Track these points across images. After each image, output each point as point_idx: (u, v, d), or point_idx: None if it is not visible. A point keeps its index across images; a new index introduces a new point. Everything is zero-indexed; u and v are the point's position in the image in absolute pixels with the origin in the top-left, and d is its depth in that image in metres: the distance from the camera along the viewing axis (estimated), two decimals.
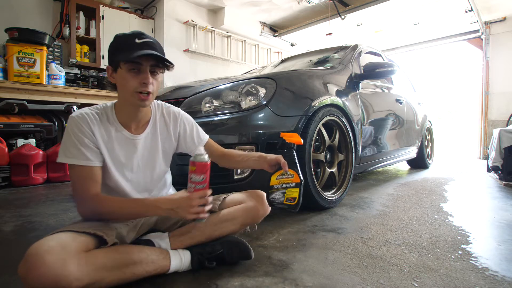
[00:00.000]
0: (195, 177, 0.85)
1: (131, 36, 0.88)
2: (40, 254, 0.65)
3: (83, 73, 3.50)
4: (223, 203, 1.06)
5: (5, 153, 2.47)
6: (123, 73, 0.87)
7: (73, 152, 0.85)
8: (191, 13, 4.52)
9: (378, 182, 2.66)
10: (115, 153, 0.94)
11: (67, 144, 0.86)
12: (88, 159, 0.86)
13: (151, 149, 1.02)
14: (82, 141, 0.86)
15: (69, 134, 0.87)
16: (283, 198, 0.92)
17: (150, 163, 1.02)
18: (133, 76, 0.87)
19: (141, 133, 0.99)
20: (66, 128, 0.88)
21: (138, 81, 0.87)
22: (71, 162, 0.85)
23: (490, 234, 1.35)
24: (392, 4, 4.17)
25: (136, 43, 0.86)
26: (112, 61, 0.90)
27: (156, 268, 0.86)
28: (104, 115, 0.93)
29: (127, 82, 0.87)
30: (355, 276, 0.93)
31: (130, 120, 0.96)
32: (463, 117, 8.73)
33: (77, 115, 0.89)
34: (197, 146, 1.08)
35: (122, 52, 0.86)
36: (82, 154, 0.85)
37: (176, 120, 1.07)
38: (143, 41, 0.87)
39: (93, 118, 0.90)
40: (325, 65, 2.24)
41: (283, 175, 0.93)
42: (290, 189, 0.93)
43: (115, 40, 0.90)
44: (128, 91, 0.88)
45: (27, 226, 1.46)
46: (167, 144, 1.06)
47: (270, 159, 1.06)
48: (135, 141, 0.97)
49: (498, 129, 2.66)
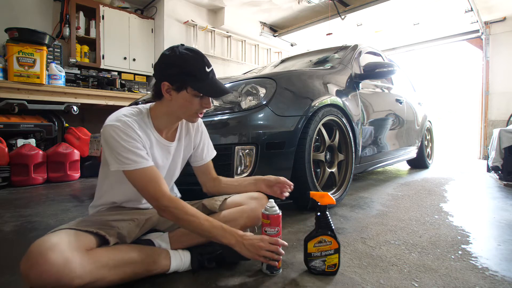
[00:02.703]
0: (270, 230, 0.91)
1: (200, 61, 0.89)
2: (42, 251, 0.65)
3: (83, 73, 3.51)
4: (224, 204, 1.06)
5: (5, 153, 2.47)
6: (188, 97, 0.90)
7: (132, 158, 0.82)
8: (191, 13, 4.52)
9: (378, 182, 2.66)
10: (155, 158, 0.96)
11: (120, 151, 0.82)
12: (148, 159, 0.86)
13: (177, 156, 1.06)
14: (135, 145, 0.84)
15: (117, 141, 0.82)
16: (324, 266, 0.92)
17: (173, 168, 1.07)
18: (198, 101, 0.91)
19: (172, 140, 1.02)
20: (108, 137, 0.83)
21: (201, 105, 0.93)
22: (133, 168, 0.82)
23: (490, 234, 1.35)
24: (392, 4, 4.17)
25: (206, 71, 0.89)
26: (176, 81, 0.88)
27: (157, 267, 0.86)
28: (141, 121, 0.93)
29: (191, 105, 0.91)
30: (355, 276, 0.93)
31: (165, 127, 0.99)
32: (463, 117, 8.73)
33: (121, 122, 0.84)
34: (203, 159, 1.13)
35: (194, 79, 0.88)
36: (141, 157, 0.84)
37: (198, 131, 1.12)
38: (212, 70, 0.92)
39: (135, 123, 0.89)
40: (325, 65, 2.24)
41: (320, 243, 0.92)
42: (330, 257, 0.92)
43: (183, 60, 0.87)
44: (190, 111, 0.93)
45: (27, 226, 1.46)
46: (187, 152, 1.10)
47: (269, 180, 1.10)
48: (170, 148, 1.01)
49: (498, 129, 2.66)
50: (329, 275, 0.92)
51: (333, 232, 0.93)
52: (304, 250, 0.94)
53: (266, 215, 0.91)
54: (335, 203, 1.07)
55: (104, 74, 3.67)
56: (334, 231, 0.93)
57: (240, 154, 1.38)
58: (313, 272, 0.93)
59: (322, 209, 0.94)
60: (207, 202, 1.08)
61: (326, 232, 0.93)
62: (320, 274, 0.92)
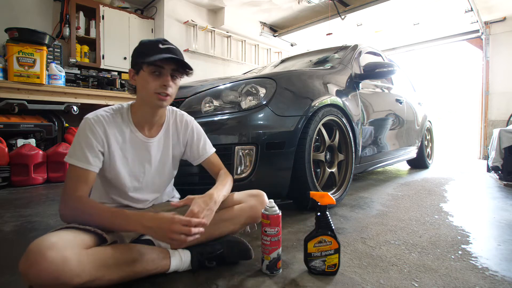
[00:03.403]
0: (270, 230, 0.90)
1: (155, 42, 0.92)
2: (41, 250, 0.66)
3: (83, 73, 3.50)
4: (223, 203, 1.06)
5: (5, 153, 2.47)
6: (145, 76, 0.91)
7: (77, 153, 0.86)
8: (191, 13, 4.52)
9: (378, 182, 2.66)
10: (129, 156, 0.96)
11: (75, 144, 0.88)
12: (89, 163, 0.86)
13: (162, 153, 1.05)
14: (90, 143, 0.87)
15: (79, 134, 0.88)
16: (324, 266, 0.92)
17: (161, 167, 1.05)
18: (154, 79, 0.91)
19: (154, 136, 1.01)
20: (78, 128, 0.89)
21: (159, 83, 0.91)
22: (72, 162, 0.86)
23: (490, 234, 1.35)
24: (392, 4, 4.17)
25: (159, 48, 0.90)
26: (135, 64, 0.93)
27: (156, 267, 0.86)
28: (118, 116, 0.96)
29: (148, 84, 0.91)
30: (355, 276, 0.93)
31: (145, 122, 0.99)
32: (463, 117, 8.72)
33: (93, 117, 0.90)
34: (200, 156, 1.10)
35: (146, 56, 0.89)
36: (84, 157, 0.86)
37: (187, 128, 1.10)
38: (166, 47, 0.91)
39: (109, 121, 0.92)
40: (325, 65, 2.24)
41: (321, 243, 0.92)
42: (330, 257, 0.92)
43: (139, 44, 0.94)
44: (149, 92, 0.91)
45: (27, 226, 1.46)
46: (177, 149, 1.09)
47: None
48: (148, 144, 1.00)
49: (498, 129, 2.66)
50: (329, 275, 0.92)
51: (333, 232, 0.93)
52: (304, 250, 0.94)
53: (266, 215, 0.91)
54: (335, 203, 1.07)
55: (104, 74, 3.66)
56: (334, 231, 0.93)
57: (240, 154, 1.38)
58: (313, 272, 0.93)
59: (322, 209, 0.94)
60: None
61: (326, 232, 0.93)
62: (320, 274, 0.92)
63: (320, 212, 0.94)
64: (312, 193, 0.97)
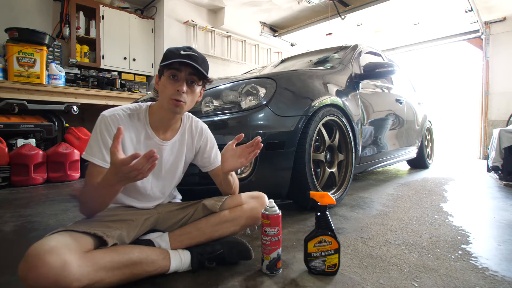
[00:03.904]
0: (270, 230, 0.90)
1: (178, 48, 0.93)
2: (40, 254, 0.65)
3: (83, 73, 3.51)
4: (224, 204, 1.06)
5: (5, 153, 2.47)
6: (164, 80, 0.93)
7: (94, 151, 0.87)
8: (191, 13, 4.52)
9: (378, 182, 2.66)
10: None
11: (92, 142, 0.88)
12: (105, 161, 0.87)
13: (176, 157, 1.05)
14: (106, 142, 0.87)
15: (96, 132, 0.89)
16: (324, 266, 0.92)
17: (173, 170, 1.06)
18: (171, 83, 0.92)
19: (168, 140, 1.02)
20: (95, 126, 0.90)
21: (174, 88, 0.91)
22: (89, 159, 0.86)
23: (490, 234, 1.35)
24: (392, 4, 4.17)
25: (180, 54, 0.91)
26: (159, 69, 0.96)
27: (156, 268, 0.86)
28: (135, 116, 0.96)
29: (165, 88, 0.92)
30: (355, 276, 0.93)
31: (161, 125, 0.99)
32: (463, 117, 8.73)
33: (110, 115, 0.90)
34: (211, 164, 1.12)
35: (165, 60, 0.91)
36: (101, 154, 0.87)
37: (201, 135, 1.11)
38: (187, 53, 0.91)
39: (125, 120, 0.93)
40: (325, 65, 2.24)
41: (321, 243, 0.92)
42: (330, 257, 0.92)
43: (165, 51, 0.96)
44: (165, 97, 0.92)
45: (27, 226, 1.46)
46: (189, 155, 1.10)
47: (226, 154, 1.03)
48: (162, 147, 1.00)
49: (498, 129, 2.66)
50: (329, 275, 0.92)
51: (333, 232, 0.93)
52: (304, 250, 0.94)
53: (266, 215, 0.91)
54: (335, 203, 1.07)
55: (104, 74, 3.67)
56: (334, 231, 0.93)
57: None
58: (313, 272, 0.93)
59: (322, 209, 0.94)
60: (207, 202, 1.08)
61: (326, 232, 0.93)
62: (320, 274, 0.92)
63: (320, 212, 0.94)
64: (312, 193, 0.97)
